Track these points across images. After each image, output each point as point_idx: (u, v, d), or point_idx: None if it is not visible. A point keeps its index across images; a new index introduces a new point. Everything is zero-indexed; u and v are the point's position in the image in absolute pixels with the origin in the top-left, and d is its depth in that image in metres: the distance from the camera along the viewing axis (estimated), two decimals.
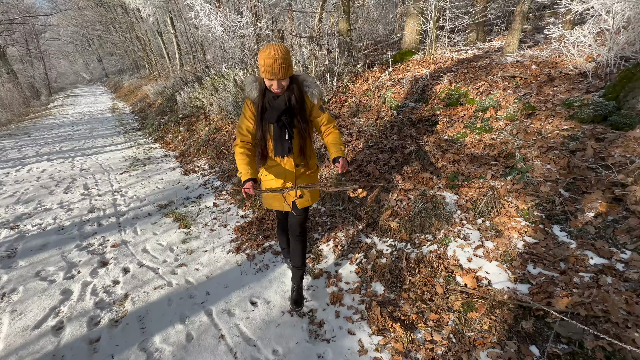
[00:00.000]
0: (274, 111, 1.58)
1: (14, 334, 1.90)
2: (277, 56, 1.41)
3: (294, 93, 1.57)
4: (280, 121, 1.61)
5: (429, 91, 3.38)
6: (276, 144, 1.68)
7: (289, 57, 1.45)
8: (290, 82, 1.56)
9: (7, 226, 3.26)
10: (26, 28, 23.00)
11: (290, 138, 1.65)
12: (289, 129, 1.63)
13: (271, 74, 1.45)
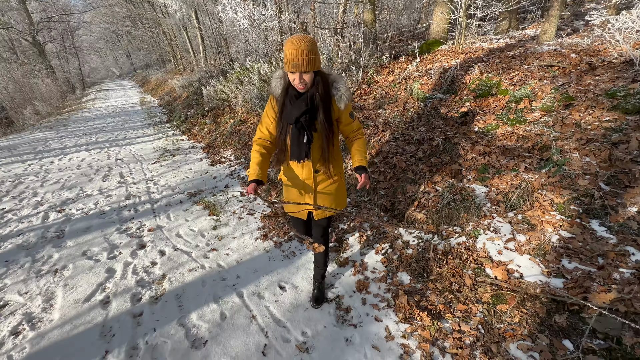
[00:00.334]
0: (294, 111, 1.45)
1: (68, 305, 2.09)
2: (301, 47, 1.28)
3: (318, 92, 1.40)
4: (298, 122, 1.47)
5: (459, 82, 3.30)
6: (293, 147, 1.55)
7: (315, 50, 1.32)
8: (318, 80, 1.40)
9: (55, 210, 3.54)
10: (62, 25, 24.23)
11: (308, 142, 1.51)
12: (308, 131, 1.49)
13: (293, 66, 1.31)
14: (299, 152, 1.55)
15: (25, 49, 20.70)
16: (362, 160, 1.54)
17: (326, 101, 1.45)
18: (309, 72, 1.34)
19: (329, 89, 1.46)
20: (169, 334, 1.84)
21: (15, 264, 2.58)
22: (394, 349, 1.67)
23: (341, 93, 1.46)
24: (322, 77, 1.42)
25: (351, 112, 1.56)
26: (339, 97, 1.46)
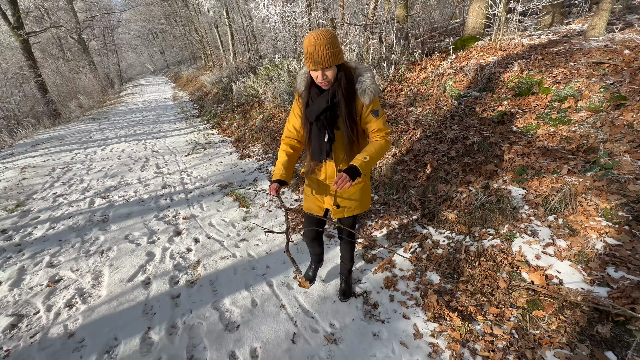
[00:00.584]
0: (315, 108, 1.39)
1: (113, 283, 2.27)
2: (319, 41, 1.20)
3: (340, 87, 1.32)
4: (319, 120, 1.40)
5: (496, 80, 3.18)
6: (314, 146, 1.49)
7: (334, 42, 1.23)
8: (341, 75, 1.31)
9: (100, 196, 3.82)
10: (104, 24, 25.67)
11: (330, 141, 1.43)
12: (329, 130, 1.41)
13: (313, 63, 1.24)
14: (319, 151, 1.48)
15: (71, 47, 22.20)
16: (357, 159, 1.32)
17: (349, 96, 1.35)
18: (331, 67, 1.27)
19: (352, 83, 1.35)
20: (204, 316, 1.94)
21: (67, 243, 2.83)
22: (422, 347, 1.67)
23: (365, 86, 1.33)
24: (345, 71, 1.33)
25: (376, 109, 1.38)
26: (363, 91, 1.33)
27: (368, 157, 1.32)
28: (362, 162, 1.29)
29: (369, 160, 1.32)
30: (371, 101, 1.35)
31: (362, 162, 1.29)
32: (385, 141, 1.39)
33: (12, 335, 1.88)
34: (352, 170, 1.28)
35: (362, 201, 1.65)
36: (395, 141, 3.23)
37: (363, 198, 1.64)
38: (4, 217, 3.37)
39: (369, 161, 1.31)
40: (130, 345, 1.77)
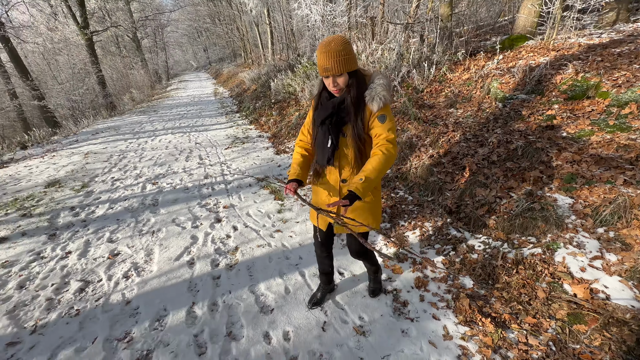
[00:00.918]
0: (321, 112, 1.40)
1: (163, 261, 2.51)
2: (330, 49, 1.21)
3: (350, 94, 1.31)
4: (324, 125, 1.39)
5: (547, 82, 3.01)
6: (318, 150, 1.48)
7: (347, 49, 1.23)
8: (353, 82, 1.30)
9: (150, 182, 4.18)
10: (155, 23, 27.52)
11: (332, 146, 1.40)
12: (333, 135, 1.38)
13: (324, 70, 1.25)
14: (322, 156, 1.45)
15: (126, 44, 24.08)
16: (357, 183, 1.23)
17: (358, 104, 1.32)
18: (343, 74, 1.26)
19: (363, 90, 1.32)
20: (241, 298, 2.10)
21: (124, 222, 3.15)
22: (451, 348, 1.68)
23: (375, 93, 1.29)
24: (357, 78, 1.31)
25: (383, 114, 1.31)
26: (372, 98, 1.29)
27: (364, 178, 1.22)
28: (358, 185, 1.21)
29: (365, 180, 1.22)
30: (379, 109, 1.29)
31: (359, 185, 1.21)
32: (385, 152, 1.26)
33: (81, 297, 2.16)
34: (351, 196, 1.22)
35: (369, 218, 1.53)
36: (433, 142, 3.19)
37: (371, 214, 1.53)
38: (72, 196, 3.83)
39: (365, 182, 1.22)
40: (178, 316, 1.96)
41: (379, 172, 1.25)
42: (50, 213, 3.39)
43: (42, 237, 2.92)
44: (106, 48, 21.29)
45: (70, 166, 5.01)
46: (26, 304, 2.12)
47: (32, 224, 3.18)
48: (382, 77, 1.34)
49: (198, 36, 39.30)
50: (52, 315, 2.01)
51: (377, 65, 5.18)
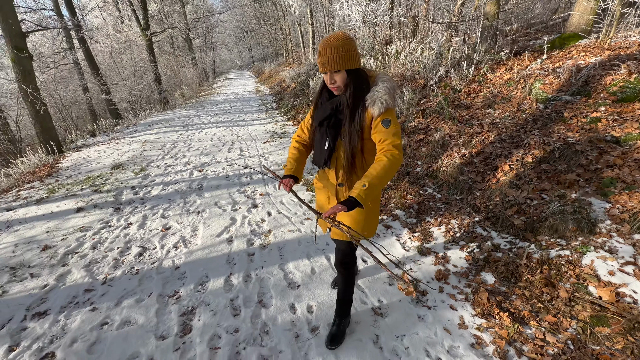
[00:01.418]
0: (320, 113, 1.37)
1: (206, 236, 2.83)
2: (330, 44, 1.18)
3: (346, 95, 1.26)
4: (322, 126, 1.36)
5: (595, 83, 2.85)
6: (316, 151, 1.45)
7: (347, 46, 1.18)
8: (351, 81, 1.24)
9: (197, 169, 4.63)
10: (206, 24, 29.31)
11: (329, 149, 1.37)
12: (330, 137, 1.35)
13: (321, 65, 1.22)
14: (319, 157, 1.42)
15: (179, 44, 25.93)
16: (356, 188, 1.15)
17: (355, 105, 1.26)
18: (340, 71, 1.21)
19: (361, 91, 1.25)
20: (272, 273, 2.33)
21: (174, 202, 3.57)
22: (465, 336, 1.75)
23: (377, 97, 1.22)
24: (356, 78, 1.25)
25: (388, 119, 1.24)
26: (373, 102, 1.23)
27: (367, 184, 1.14)
28: (360, 191, 1.13)
29: (369, 187, 1.14)
30: (381, 113, 1.23)
31: (361, 192, 1.13)
32: (390, 158, 1.19)
33: (139, 260, 2.55)
34: (351, 202, 1.13)
35: (364, 227, 1.47)
36: (467, 142, 3.18)
37: (367, 224, 1.48)
38: (132, 178, 4.39)
39: (368, 188, 1.14)
40: (217, 283, 2.24)
41: (383, 179, 1.17)
42: (116, 190, 3.93)
43: (109, 210, 3.43)
44: (162, 48, 23.14)
45: (131, 152, 5.68)
46: (98, 261, 2.55)
47: (101, 198, 3.72)
48: (386, 80, 1.27)
49: (243, 36, 41.14)
50: (118, 272, 2.41)
51: (415, 65, 5.18)
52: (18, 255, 2.65)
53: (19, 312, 2.04)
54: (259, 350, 1.71)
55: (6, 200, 3.87)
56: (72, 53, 12.08)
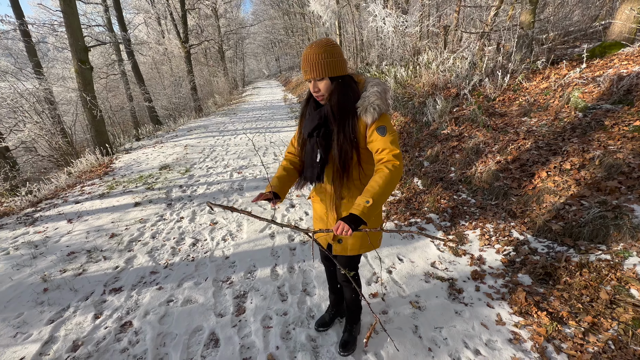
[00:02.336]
0: (308, 123, 1.28)
1: (251, 231, 3.08)
2: (312, 50, 1.13)
3: (330, 103, 1.19)
4: (312, 137, 1.28)
5: (638, 92, 2.83)
6: (307, 165, 1.34)
7: (331, 52, 1.14)
8: (338, 87, 1.19)
9: (236, 171, 4.96)
10: (237, 36, 30.72)
11: (322, 161, 1.27)
12: (322, 149, 1.26)
13: (304, 72, 1.17)
14: (311, 172, 1.32)
15: (212, 55, 27.35)
16: (358, 205, 1.08)
17: (343, 115, 1.20)
18: (324, 78, 1.16)
19: (349, 100, 1.19)
20: (313, 266, 2.51)
21: (219, 200, 3.88)
22: (503, 332, 1.82)
23: (368, 103, 1.16)
24: (342, 84, 1.19)
25: (383, 126, 1.17)
26: (364, 109, 1.17)
27: (371, 201, 1.07)
28: (364, 208, 1.07)
29: (373, 204, 1.07)
30: (374, 120, 1.17)
31: (365, 209, 1.07)
32: (392, 169, 1.12)
33: (194, 249, 2.83)
34: (353, 219, 1.07)
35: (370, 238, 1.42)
36: (502, 149, 3.23)
37: (372, 235, 1.43)
38: (179, 177, 4.79)
39: (372, 205, 1.07)
40: (264, 272, 2.46)
41: (386, 193, 1.11)
42: (166, 188, 4.32)
43: (163, 205, 3.79)
44: (196, 59, 24.55)
45: (175, 155, 6.16)
46: (158, 248, 2.87)
47: (154, 195, 4.11)
48: (376, 84, 1.22)
49: (272, 47, 42.60)
50: (176, 258, 2.70)
51: (447, 74, 5.26)
52: (91, 241, 3.03)
53: (98, 287, 2.36)
54: (307, 332, 1.88)
55: (73, 195, 4.38)
56: (120, 65, 13.22)
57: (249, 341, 1.84)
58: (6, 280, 2.50)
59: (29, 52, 9.89)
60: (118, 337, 1.91)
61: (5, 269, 2.66)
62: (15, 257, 2.84)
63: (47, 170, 8.28)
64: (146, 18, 18.64)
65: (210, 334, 1.90)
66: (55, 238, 3.14)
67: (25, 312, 2.14)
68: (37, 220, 3.60)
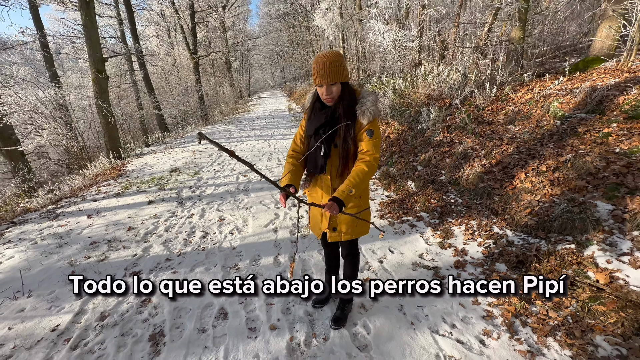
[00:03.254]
0: (314, 122, 1.50)
1: (256, 226, 3.36)
2: (326, 59, 1.35)
3: (341, 104, 1.43)
4: (317, 134, 1.49)
5: (609, 102, 3.11)
6: (310, 158, 1.57)
7: (340, 62, 1.38)
8: (344, 93, 1.44)
9: (242, 174, 5.27)
10: (244, 48, 31.58)
11: (325, 155, 1.50)
12: (326, 144, 1.49)
13: (319, 78, 1.37)
14: (314, 164, 1.54)
15: (219, 66, 28.11)
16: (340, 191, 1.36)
17: (349, 115, 1.43)
18: (336, 83, 1.39)
19: (354, 102, 1.44)
20: (312, 256, 2.77)
21: (226, 200, 4.17)
22: (478, 310, 2.07)
23: (365, 108, 1.41)
24: (349, 91, 1.45)
25: (372, 130, 1.42)
26: (362, 112, 1.41)
27: (353, 190, 1.37)
28: (346, 195, 1.35)
29: (354, 193, 1.38)
30: (369, 122, 1.41)
31: (347, 196, 1.35)
32: (367, 166, 1.39)
33: (204, 241, 3.11)
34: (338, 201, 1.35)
35: (359, 226, 1.67)
36: (487, 154, 3.51)
37: (360, 223, 1.66)
38: (189, 179, 5.11)
39: (353, 194, 1.37)
40: (267, 260, 2.73)
41: (362, 185, 1.40)
42: (177, 189, 4.63)
43: (174, 203, 4.09)
44: (204, 69, 25.28)
45: (184, 159, 6.50)
46: (171, 240, 3.15)
47: (166, 194, 4.42)
48: (371, 93, 1.47)
49: (277, 58, 43.60)
50: (188, 248, 2.98)
51: (441, 85, 5.59)
52: (110, 233, 3.33)
53: (120, 271, 2.65)
54: (305, 308, 2.14)
55: (90, 194, 4.70)
56: (132, 75, 13.80)
57: (254, 315, 2.10)
58: (37, 265, 2.79)
59: (47, 62, 10.46)
60: (139, 310, 2.18)
61: (35, 255, 2.95)
62: (43, 246, 3.13)
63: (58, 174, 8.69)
64: (157, 30, 19.41)
65: (220, 308, 2.16)
66: (78, 230, 3.44)
67: (56, 290, 2.43)
68: (59, 216, 3.92)
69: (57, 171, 9.08)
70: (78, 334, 1.99)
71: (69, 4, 8.75)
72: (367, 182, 1.44)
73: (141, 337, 1.95)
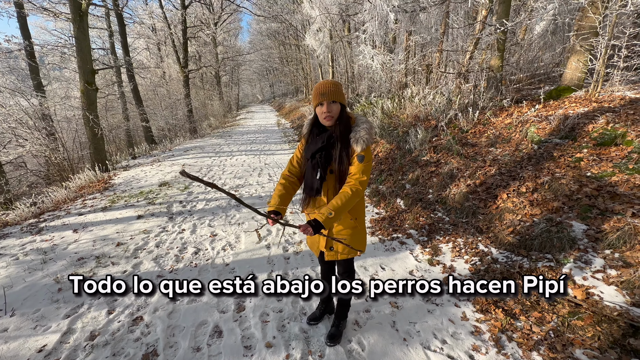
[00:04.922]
0: (312, 146, 1.56)
1: (248, 243, 3.37)
2: (327, 82, 1.47)
3: (338, 128, 1.51)
4: (314, 158, 1.55)
5: (580, 129, 3.40)
6: (307, 181, 1.63)
7: (340, 88, 1.49)
8: (342, 115, 1.52)
9: (233, 190, 5.28)
10: (233, 63, 31.94)
11: (321, 178, 1.56)
12: (322, 168, 1.54)
13: (321, 96, 1.45)
14: (310, 187, 1.60)
15: (208, 79, 28.23)
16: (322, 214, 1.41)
17: (344, 140, 1.50)
18: (336, 102, 1.48)
19: (349, 129, 1.52)
20: (306, 273, 2.81)
21: (217, 215, 4.17)
22: (466, 326, 2.16)
23: (359, 136, 1.47)
24: (345, 116, 1.53)
25: (363, 155, 1.48)
26: (356, 140, 1.48)
27: (333, 213, 1.41)
28: (325, 218, 1.40)
29: (334, 216, 1.41)
30: (362, 150, 1.47)
31: (326, 219, 1.40)
32: (353, 190, 1.45)
33: (196, 257, 3.10)
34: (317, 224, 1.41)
35: (354, 245, 1.70)
36: (472, 174, 3.71)
37: (355, 242, 1.71)
38: (179, 194, 5.07)
39: (333, 217, 1.41)
40: (262, 276, 2.74)
41: (345, 209, 1.45)
42: (167, 203, 4.59)
43: (164, 218, 4.05)
44: (193, 82, 25.30)
45: (173, 173, 6.45)
46: (162, 256, 3.12)
47: (156, 209, 4.37)
48: (365, 122, 1.53)
49: (267, 74, 44.28)
50: (180, 264, 2.95)
51: (427, 107, 5.89)
52: (98, 249, 3.25)
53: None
54: (300, 325, 2.17)
55: (76, 207, 4.58)
56: (120, 86, 13.68)
57: (249, 332, 2.10)
58: (20, 281, 2.69)
59: (32, 71, 10.26)
60: (131, 329, 2.14)
61: (17, 272, 2.85)
62: (26, 262, 3.03)
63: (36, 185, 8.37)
64: (148, 44, 19.46)
65: (215, 326, 2.16)
66: (63, 246, 3.35)
67: (42, 308, 2.35)
68: (42, 230, 3.79)
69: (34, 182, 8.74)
70: (67, 354, 1.93)
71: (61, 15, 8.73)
72: (351, 204, 1.47)
73: (134, 356, 1.92)
